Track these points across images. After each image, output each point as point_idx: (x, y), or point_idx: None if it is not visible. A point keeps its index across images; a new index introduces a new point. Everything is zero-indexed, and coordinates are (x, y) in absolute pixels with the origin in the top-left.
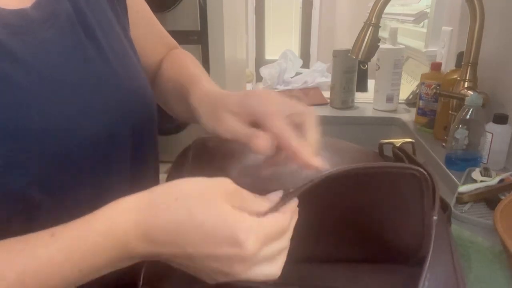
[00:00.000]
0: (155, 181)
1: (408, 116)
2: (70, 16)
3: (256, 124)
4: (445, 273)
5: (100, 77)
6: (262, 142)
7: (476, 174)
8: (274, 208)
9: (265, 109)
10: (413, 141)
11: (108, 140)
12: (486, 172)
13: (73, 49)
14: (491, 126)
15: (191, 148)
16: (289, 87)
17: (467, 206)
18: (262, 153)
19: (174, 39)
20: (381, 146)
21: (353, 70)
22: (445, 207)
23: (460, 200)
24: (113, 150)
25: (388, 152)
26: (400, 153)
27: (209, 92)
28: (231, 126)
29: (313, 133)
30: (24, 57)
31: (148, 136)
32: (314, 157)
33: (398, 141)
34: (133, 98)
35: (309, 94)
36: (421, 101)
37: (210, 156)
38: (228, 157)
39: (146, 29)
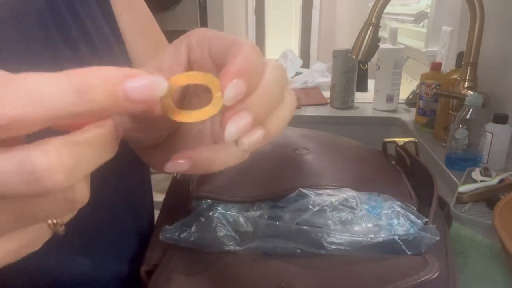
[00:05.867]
0: (143, 182)
1: (408, 116)
2: (41, 14)
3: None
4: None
5: None
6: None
7: (476, 174)
8: None
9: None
10: (416, 140)
11: None
12: (486, 172)
13: (41, 47)
14: (491, 126)
15: None
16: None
17: (467, 206)
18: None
19: (174, 39)
20: (384, 144)
21: (353, 70)
22: (443, 205)
23: (460, 200)
24: None
25: (391, 151)
26: (402, 152)
27: None
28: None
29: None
30: None
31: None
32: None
33: (401, 140)
34: None
35: (309, 94)
36: (421, 101)
37: None
38: None
39: (141, 28)
